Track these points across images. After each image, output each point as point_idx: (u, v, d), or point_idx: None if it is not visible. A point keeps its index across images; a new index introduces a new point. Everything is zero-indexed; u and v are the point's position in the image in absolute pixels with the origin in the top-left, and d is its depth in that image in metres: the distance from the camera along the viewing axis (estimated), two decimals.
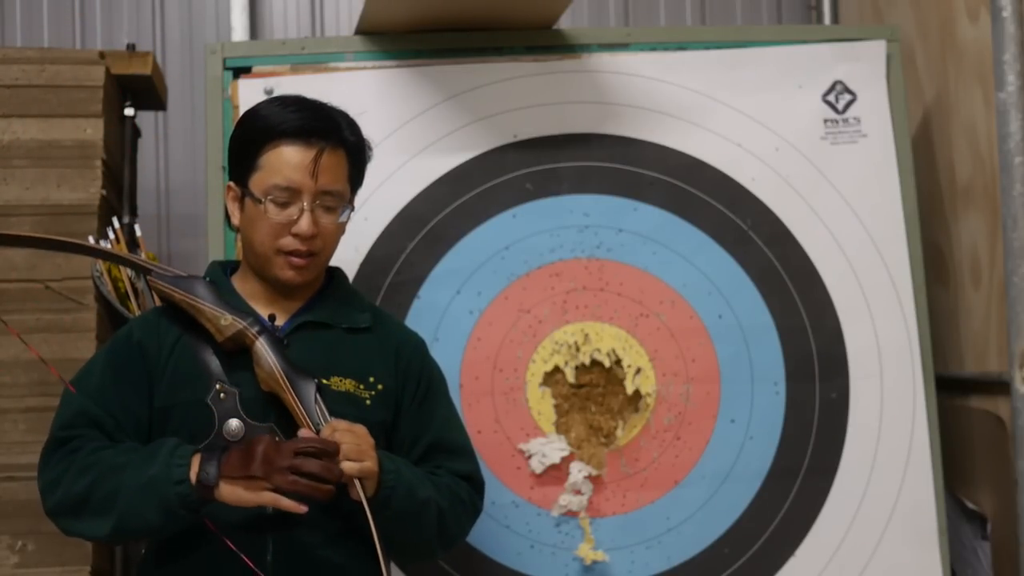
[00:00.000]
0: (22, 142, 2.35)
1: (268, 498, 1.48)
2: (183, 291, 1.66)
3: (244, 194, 1.67)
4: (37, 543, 2.24)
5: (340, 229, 1.72)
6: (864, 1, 2.99)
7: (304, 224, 1.63)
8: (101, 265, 2.29)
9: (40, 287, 2.30)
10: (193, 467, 1.50)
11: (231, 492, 1.49)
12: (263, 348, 1.60)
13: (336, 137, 1.67)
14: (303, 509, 1.48)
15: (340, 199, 1.68)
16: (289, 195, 1.64)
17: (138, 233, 2.41)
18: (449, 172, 2.21)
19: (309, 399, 1.57)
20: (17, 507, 2.25)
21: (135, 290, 2.33)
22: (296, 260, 1.65)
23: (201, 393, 1.61)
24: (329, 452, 1.49)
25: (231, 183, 1.71)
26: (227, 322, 1.62)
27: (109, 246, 2.31)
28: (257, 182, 1.65)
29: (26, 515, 2.23)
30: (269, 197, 1.64)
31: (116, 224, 2.35)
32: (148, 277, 1.71)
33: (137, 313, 2.25)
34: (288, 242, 1.65)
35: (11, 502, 2.26)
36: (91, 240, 2.30)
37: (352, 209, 1.72)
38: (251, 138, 1.67)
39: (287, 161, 1.63)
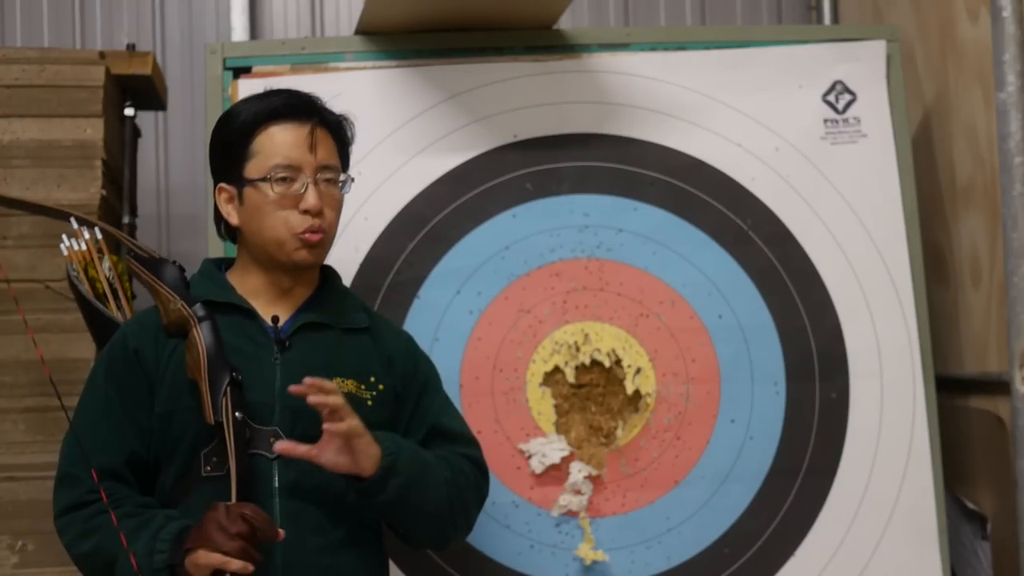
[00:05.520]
0: (22, 142, 2.35)
1: (216, 560, 1.46)
2: (149, 271, 1.69)
3: (241, 187, 1.65)
4: (37, 543, 2.24)
5: (340, 206, 1.72)
6: (864, 1, 2.99)
7: (312, 198, 1.63)
8: (76, 265, 2.24)
9: (40, 287, 2.30)
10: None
11: (194, 567, 1.48)
12: (197, 335, 1.60)
13: (320, 115, 1.69)
14: (250, 569, 1.47)
15: (338, 173, 1.69)
16: (290, 173, 1.63)
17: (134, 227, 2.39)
18: (449, 172, 2.21)
19: (219, 389, 1.56)
20: (17, 507, 2.25)
21: (113, 290, 2.28)
22: (311, 237, 1.64)
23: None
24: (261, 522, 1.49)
25: (222, 185, 1.69)
26: (175, 306, 1.64)
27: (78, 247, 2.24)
28: (254, 169, 1.64)
29: (26, 515, 2.23)
30: (271, 177, 1.63)
31: (74, 224, 2.26)
32: (127, 256, 1.72)
33: (117, 314, 2.20)
34: (299, 220, 1.63)
35: (11, 502, 2.26)
36: (65, 241, 2.25)
37: (351, 180, 1.72)
38: (237, 130, 1.66)
39: (282, 140, 1.64)
